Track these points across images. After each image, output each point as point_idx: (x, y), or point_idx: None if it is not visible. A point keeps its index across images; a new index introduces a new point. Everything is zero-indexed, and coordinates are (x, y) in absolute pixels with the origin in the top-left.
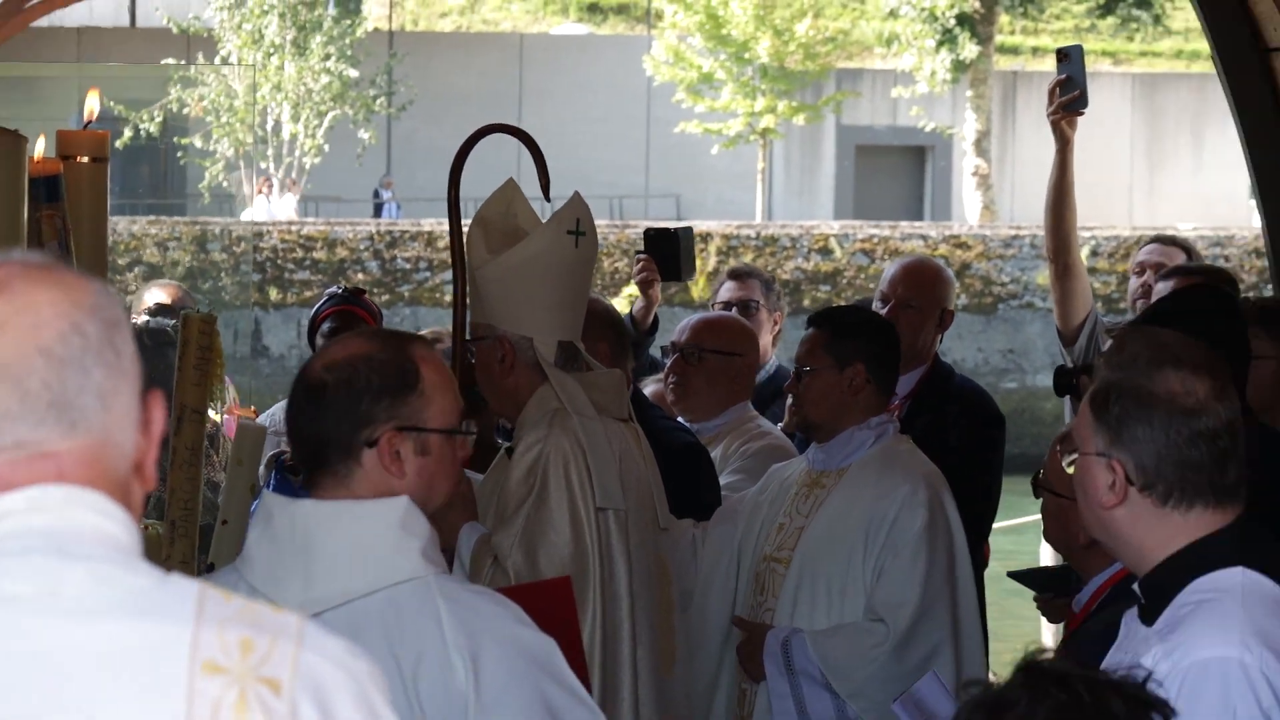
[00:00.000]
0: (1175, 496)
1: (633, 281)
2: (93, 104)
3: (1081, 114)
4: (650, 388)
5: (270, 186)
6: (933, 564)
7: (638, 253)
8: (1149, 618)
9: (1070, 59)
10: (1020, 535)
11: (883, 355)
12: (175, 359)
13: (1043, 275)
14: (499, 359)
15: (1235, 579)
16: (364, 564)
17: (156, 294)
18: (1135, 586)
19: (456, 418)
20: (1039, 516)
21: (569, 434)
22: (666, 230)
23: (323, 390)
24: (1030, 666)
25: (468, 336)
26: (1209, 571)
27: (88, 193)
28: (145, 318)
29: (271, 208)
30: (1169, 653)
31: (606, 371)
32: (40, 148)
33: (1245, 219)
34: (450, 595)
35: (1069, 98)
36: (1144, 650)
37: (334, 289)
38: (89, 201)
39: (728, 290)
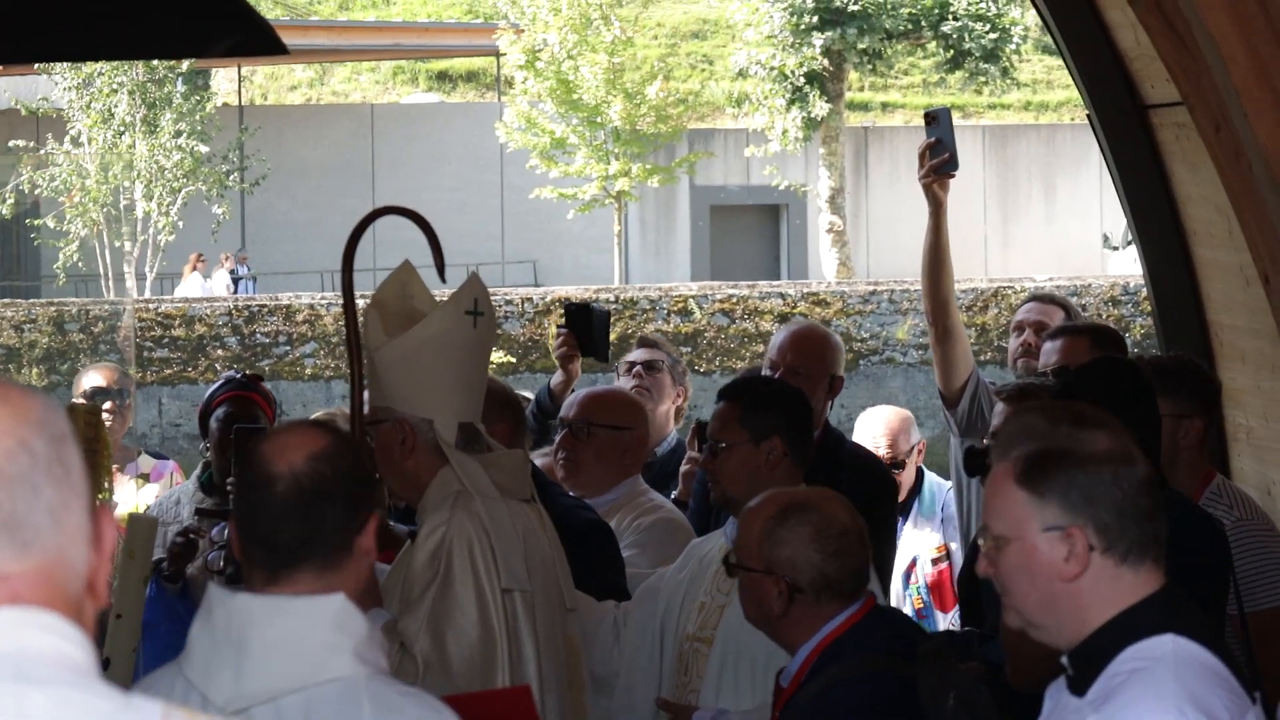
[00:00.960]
0: (1134, 553)
1: (554, 356)
2: None
3: (953, 176)
4: (539, 460)
5: (204, 263)
6: None
7: (559, 327)
8: (1080, 688)
9: (938, 122)
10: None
11: (798, 427)
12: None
13: (903, 330)
14: (399, 442)
15: (1167, 647)
16: (293, 661)
17: (93, 377)
18: (1064, 659)
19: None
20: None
21: (472, 516)
22: (586, 305)
23: (308, 491)
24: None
25: (366, 420)
26: (1140, 639)
27: None
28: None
29: (209, 284)
30: None
31: (508, 452)
32: None
33: (1099, 267)
34: (377, 697)
35: (939, 160)
36: None
37: (231, 373)
38: None
39: (635, 354)
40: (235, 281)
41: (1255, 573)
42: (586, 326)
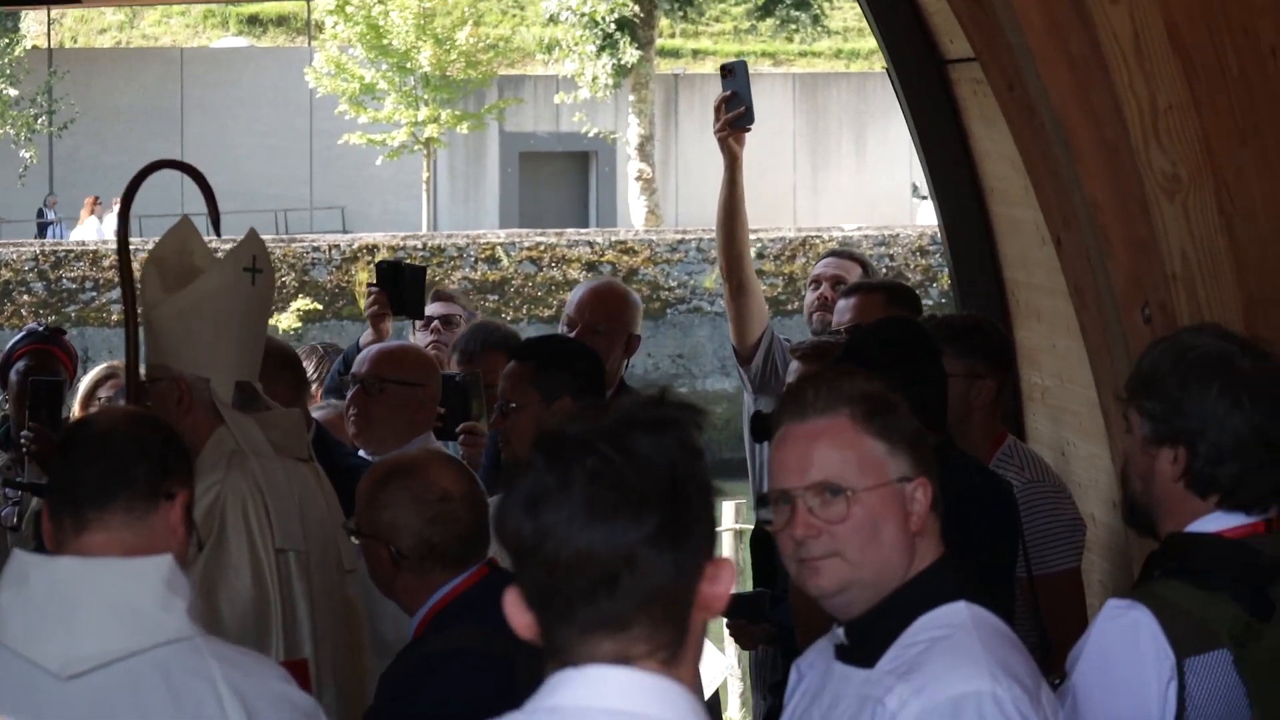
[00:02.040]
0: (938, 510)
1: (364, 314)
2: None
3: (748, 130)
4: (318, 413)
5: (100, 206)
6: None
7: (370, 285)
8: (865, 659)
9: (735, 75)
10: None
11: (590, 387)
12: None
13: (710, 279)
14: (175, 400)
15: (963, 614)
16: (128, 623)
17: None
18: (839, 630)
19: None
20: (720, 529)
21: (247, 475)
22: (398, 264)
23: (120, 433)
24: (543, 443)
25: (143, 377)
26: (931, 607)
27: None
28: None
29: (102, 227)
30: (918, 691)
31: (284, 411)
32: None
33: (908, 218)
34: (220, 656)
35: (735, 114)
36: (873, 692)
37: (33, 326)
38: None
39: (432, 309)
40: (42, 226)
41: (1045, 535)
42: (399, 284)
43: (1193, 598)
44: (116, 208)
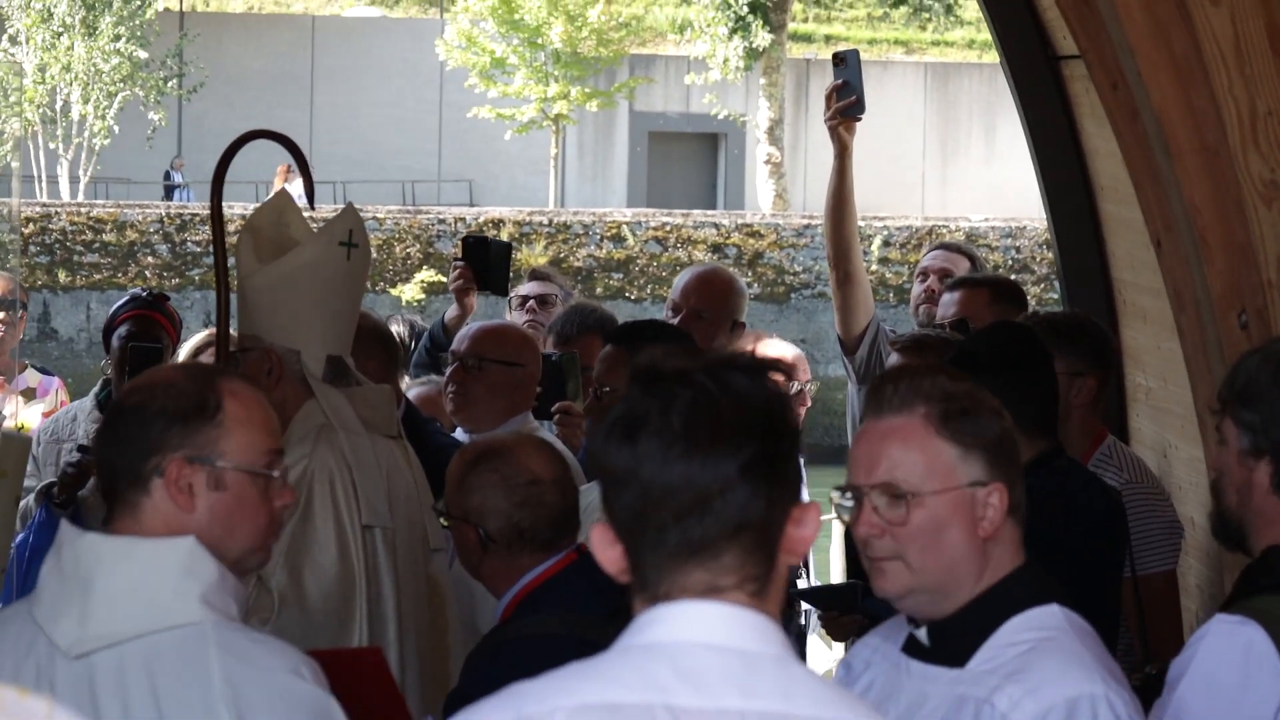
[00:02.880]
0: (1021, 519)
1: (450, 289)
2: None
3: (859, 119)
4: (414, 391)
5: (291, 173)
6: None
7: (455, 259)
8: (952, 659)
9: (846, 63)
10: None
11: None
12: None
13: None
14: (265, 371)
15: (1058, 617)
16: (137, 605)
17: None
18: (911, 628)
19: (264, 458)
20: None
21: (334, 450)
22: (484, 239)
23: (118, 415)
24: (640, 373)
25: (233, 347)
26: (1022, 610)
27: None
28: None
29: (293, 190)
30: (1031, 692)
31: (375, 387)
32: None
33: (1036, 210)
34: (225, 645)
35: (846, 103)
36: (973, 692)
37: (136, 291)
38: None
39: (527, 288)
40: (169, 189)
41: (1141, 537)
42: (484, 259)
43: None
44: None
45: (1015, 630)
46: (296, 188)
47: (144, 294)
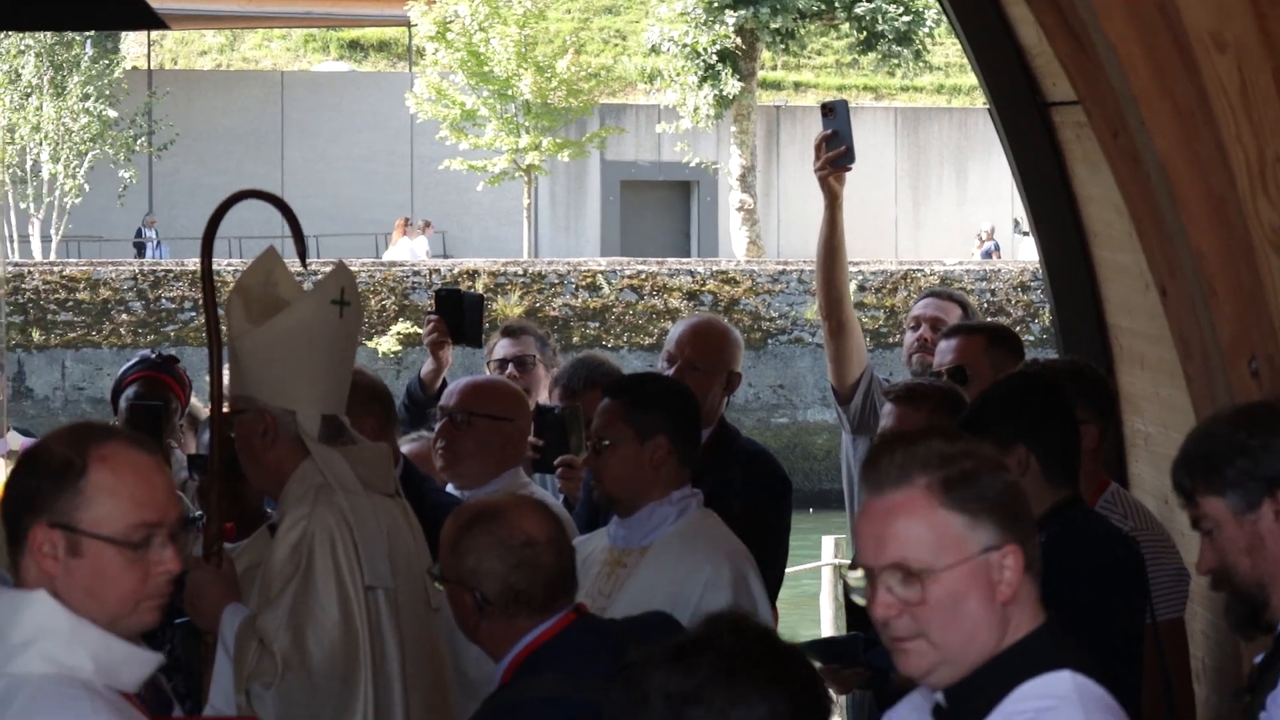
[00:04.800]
0: (1038, 573)
1: (425, 343)
2: None
3: (849, 169)
4: (407, 446)
5: (408, 225)
6: None
7: (428, 313)
8: None
9: (835, 114)
10: (800, 583)
11: (685, 426)
12: None
13: (811, 310)
14: (260, 433)
15: (1067, 684)
16: None
17: None
18: (938, 695)
19: (130, 529)
20: (819, 563)
21: (334, 510)
22: (457, 291)
23: (10, 474)
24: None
25: (226, 409)
26: (1034, 675)
27: None
28: None
29: (414, 247)
30: None
31: (372, 445)
32: None
33: (1009, 253)
34: (37, 698)
35: (835, 153)
36: None
37: (145, 353)
38: None
39: (502, 348)
40: (140, 246)
41: (1151, 585)
42: (458, 312)
43: None
44: (425, 231)
45: (1021, 699)
46: (421, 244)
47: (153, 355)
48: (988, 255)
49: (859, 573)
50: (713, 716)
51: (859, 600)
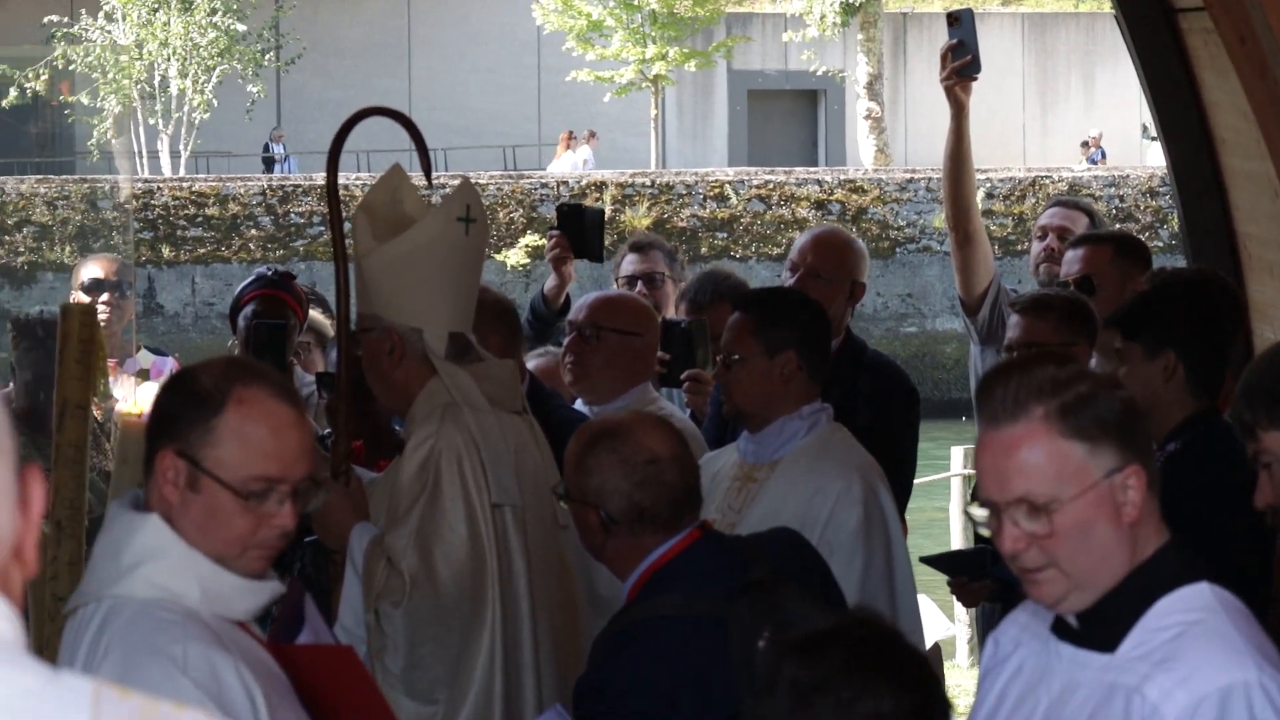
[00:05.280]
0: (1156, 489)
1: (547, 258)
2: None
3: (975, 79)
4: (533, 362)
5: (572, 138)
6: (870, 563)
7: (550, 229)
8: (1103, 643)
9: (961, 23)
10: (929, 494)
11: (814, 341)
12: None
13: (938, 219)
14: (387, 351)
15: (1207, 595)
16: (102, 570)
17: (92, 269)
18: (1071, 616)
19: (250, 481)
20: (948, 474)
21: (461, 428)
22: (579, 206)
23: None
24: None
25: (353, 328)
26: (1171, 589)
27: None
28: (39, 310)
29: (576, 159)
30: (1183, 682)
31: (499, 362)
32: None
33: (1137, 158)
34: (122, 621)
35: (961, 63)
36: (1123, 679)
37: (263, 270)
38: None
39: (630, 264)
40: (268, 161)
41: None
42: (580, 227)
43: None
44: (589, 141)
45: (1164, 613)
46: (585, 154)
47: (269, 273)
48: (1093, 163)
49: (983, 512)
50: (839, 707)
51: (985, 533)
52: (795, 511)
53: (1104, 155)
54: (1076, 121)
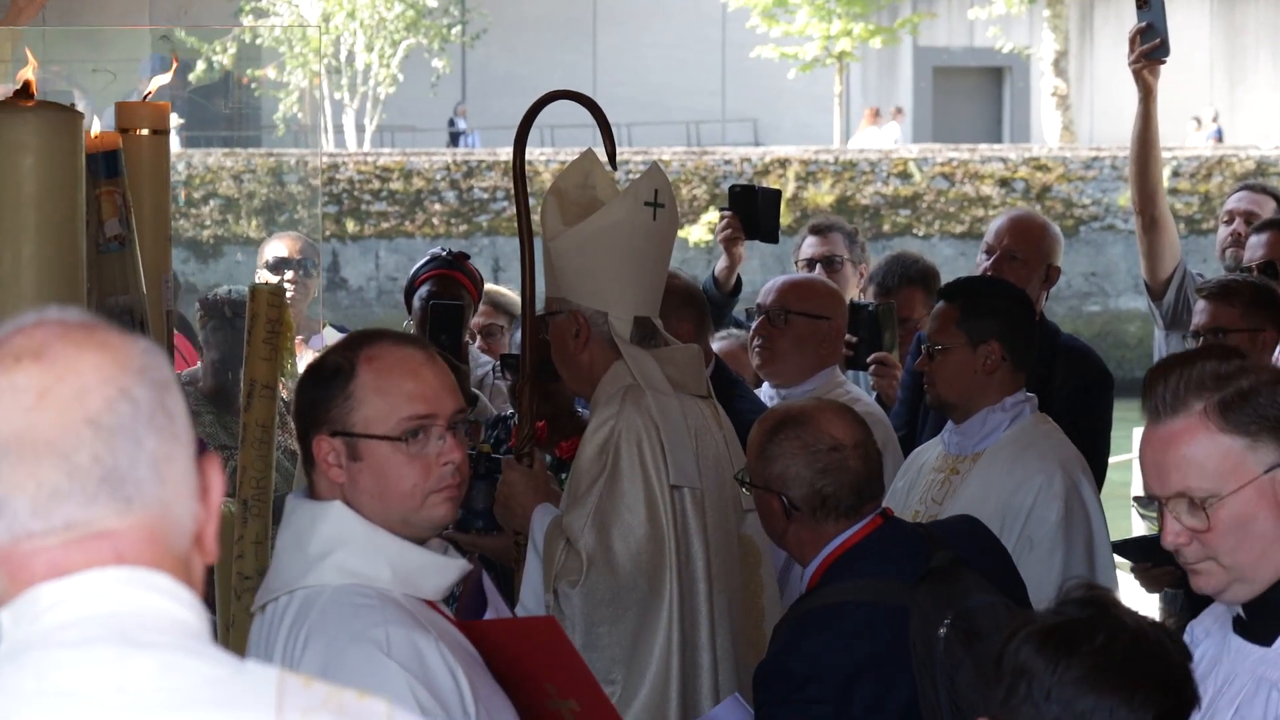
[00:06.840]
0: None
1: (717, 239)
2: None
3: (1164, 62)
4: (717, 345)
5: (878, 115)
6: (1070, 557)
7: (722, 209)
8: (1263, 636)
9: (1150, 5)
10: (1122, 471)
11: (1019, 331)
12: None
13: (1124, 197)
14: (573, 334)
15: None
16: (289, 563)
17: (277, 246)
18: (1238, 607)
19: (402, 423)
20: (1128, 455)
21: (642, 410)
22: (751, 187)
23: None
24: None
25: (540, 310)
26: None
27: (149, 166)
28: (228, 290)
29: (883, 135)
30: None
31: (684, 347)
32: (97, 125)
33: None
34: (321, 610)
35: (1150, 46)
36: (1270, 674)
37: (437, 250)
38: (150, 175)
39: (810, 246)
40: (453, 136)
41: None
42: (752, 208)
43: None
44: (897, 117)
45: None
46: (892, 131)
47: (444, 254)
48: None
49: (1151, 507)
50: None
51: (1153, 528)
52: (996, 505)
53: (1221, 135)
54: (1266, 99)
